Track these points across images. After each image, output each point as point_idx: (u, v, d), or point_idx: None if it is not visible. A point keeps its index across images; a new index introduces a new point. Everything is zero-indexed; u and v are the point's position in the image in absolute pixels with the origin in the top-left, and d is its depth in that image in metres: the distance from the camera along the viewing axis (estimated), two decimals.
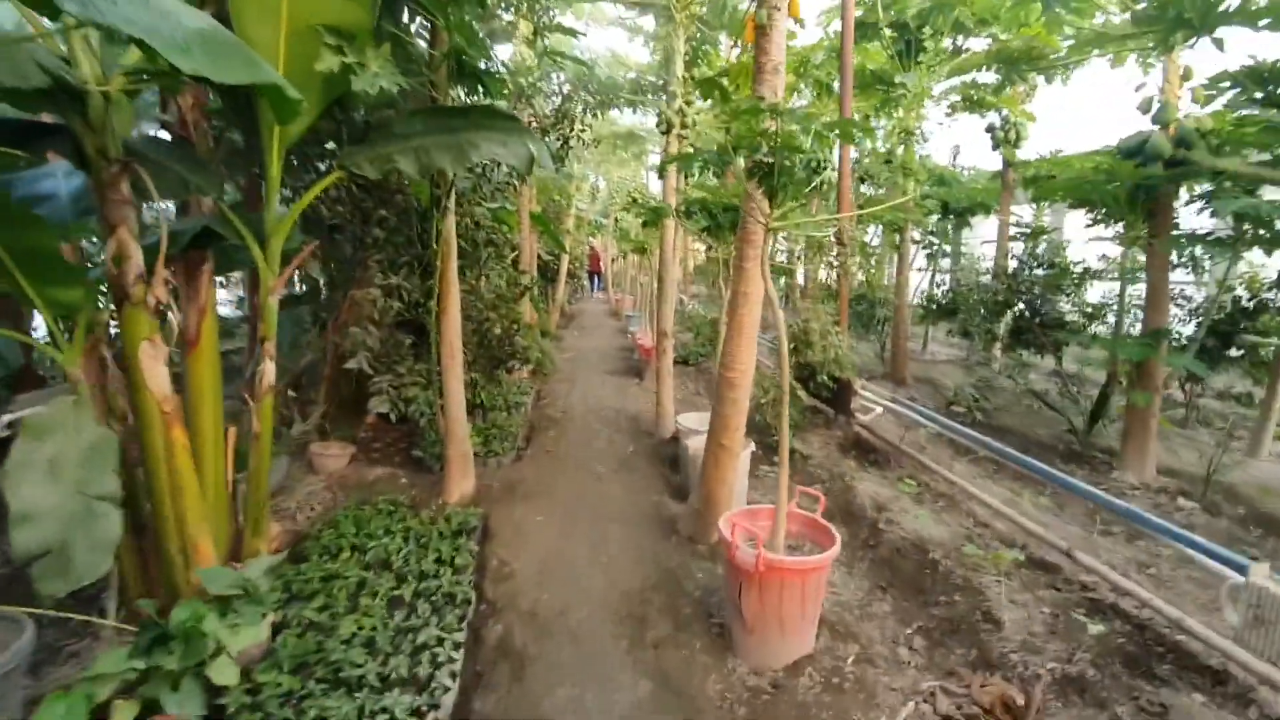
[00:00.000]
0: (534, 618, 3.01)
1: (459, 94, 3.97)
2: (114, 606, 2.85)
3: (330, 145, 4.51)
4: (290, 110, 2.96)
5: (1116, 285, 6.97)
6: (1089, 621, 2.82)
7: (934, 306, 8.98)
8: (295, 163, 4.43)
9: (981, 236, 11.42)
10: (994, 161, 9.74)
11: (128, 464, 2.80)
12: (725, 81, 4.91)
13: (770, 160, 2.57)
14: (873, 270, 6.85)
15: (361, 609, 2.95)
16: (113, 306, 2.75)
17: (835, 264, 5.59)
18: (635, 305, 15.72)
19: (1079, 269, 6.92)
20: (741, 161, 2.89)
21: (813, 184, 2.65)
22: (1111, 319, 6.83)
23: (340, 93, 3.42)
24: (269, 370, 3.46)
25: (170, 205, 4.37)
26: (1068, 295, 6.79)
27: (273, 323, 3.41)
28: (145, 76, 2.73)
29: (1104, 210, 5.42)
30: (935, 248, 9.29)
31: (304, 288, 6.47)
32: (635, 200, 6.64)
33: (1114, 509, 3.44)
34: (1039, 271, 7.09)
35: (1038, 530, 3.31)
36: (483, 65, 4.15)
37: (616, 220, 17.93)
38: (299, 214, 3.40)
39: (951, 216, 9.48)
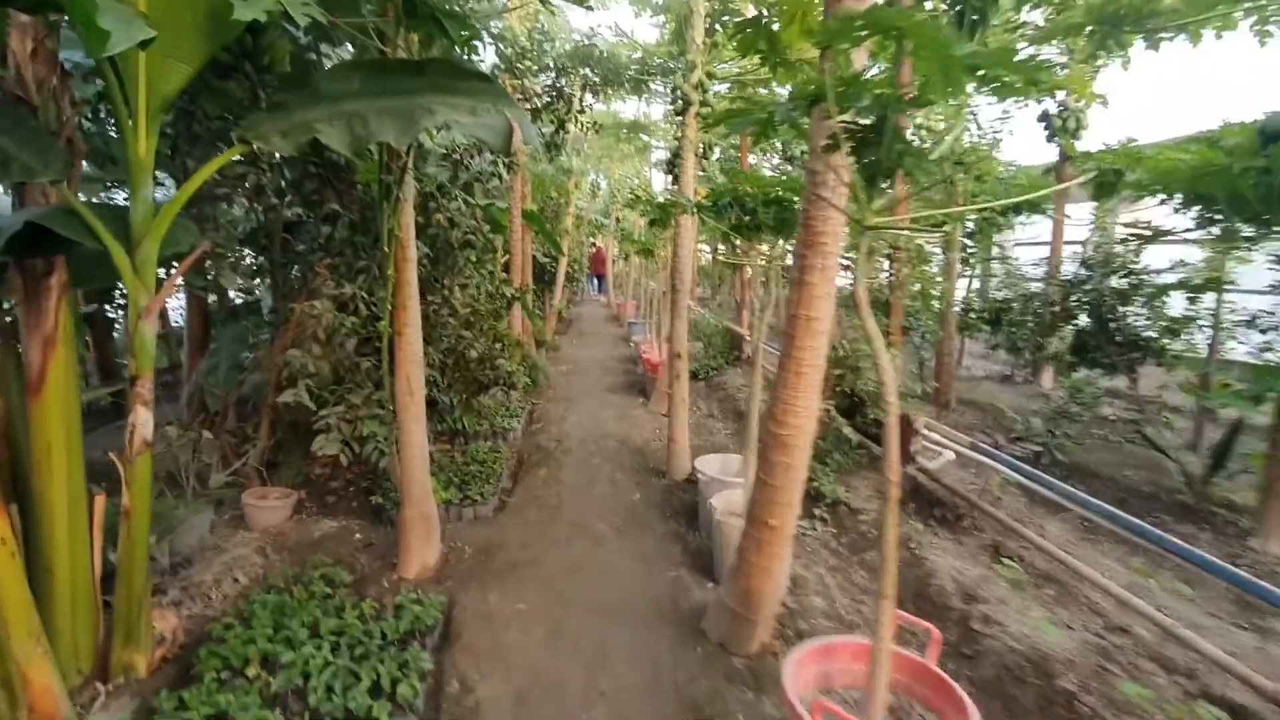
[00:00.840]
0: None
1: (415, 48, 3.00)
2: None
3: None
4: (156, 62, 2.05)
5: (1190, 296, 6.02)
6: None
7: (974, 317, 8.01)
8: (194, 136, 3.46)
9: (1016, 238, 10.43)
10: (1035, 154, 8.79)
11: None
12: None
13: (876, 121, 1.60)
14: (937, 280, 5.85)
15: None
16: None
17: (890, 273, 4.65)
18: (638, 311, 14.76)
19: (1161, 277, 5.95)
20: (807, 124, 1.93)
21: (941, 162, 1.69)
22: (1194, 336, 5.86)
23: (233, 35, 2.45)
24: (141, 422, 2.50)
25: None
26: (1149, 307, 5.82)
27: (146, 356, 2.46)
28: None
29: (1216, 209, 4.45)
30: (974, 252, 8.31)
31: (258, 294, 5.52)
32: (639, 198, 5.69)
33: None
34: (1111, 280, 6.12)
35: (1227, 662, 2.34)
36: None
37: (618, 220, 16.98)
38: (181, 207, 2.43)
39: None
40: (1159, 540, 3.13)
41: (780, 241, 3.25)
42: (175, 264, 2.71)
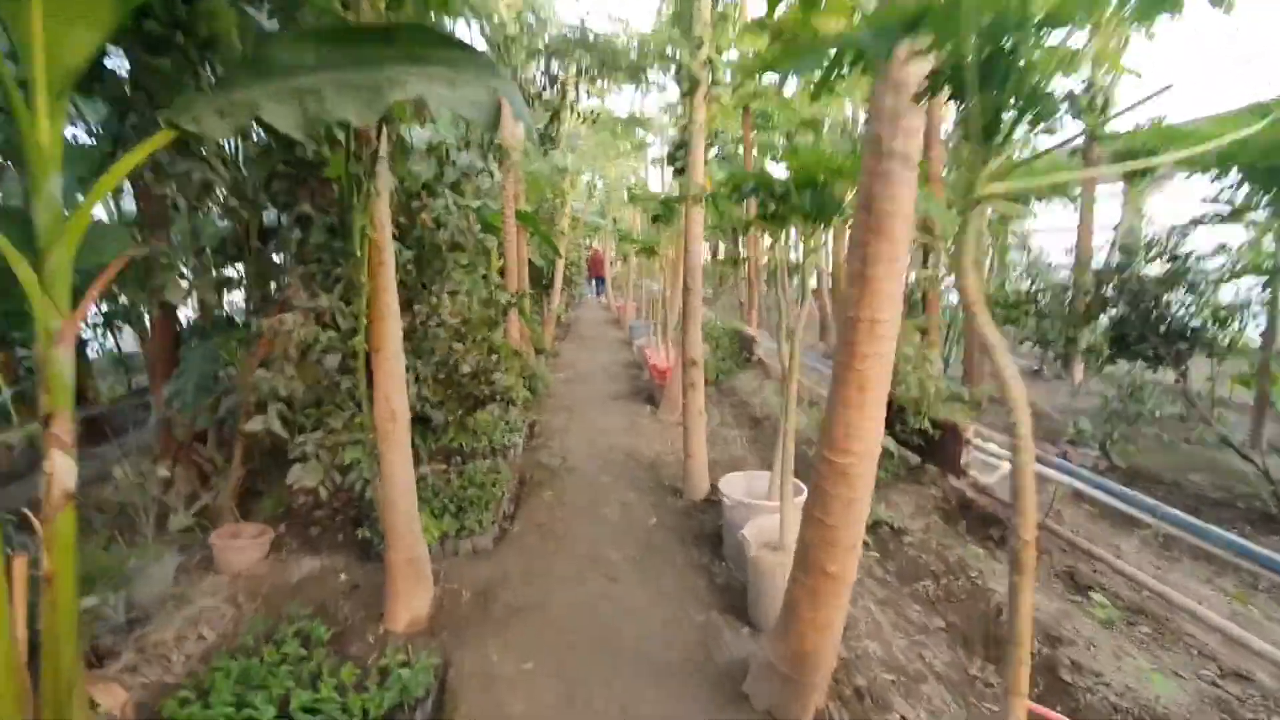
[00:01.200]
0: None
1: (383, 13, 2.56)
2: None
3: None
4: (56, 28, 1.63)
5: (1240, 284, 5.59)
6: None
7: (1000, 309, 7.57)
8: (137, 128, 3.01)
9: (1036, 226, 10.00)
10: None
11: None
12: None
13: (997, 52, 1.16)
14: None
15: None
16: None
17: (925, 266, 4.21)
18: (639, 313, 14.32)
19: (1205, 262, 5.51)
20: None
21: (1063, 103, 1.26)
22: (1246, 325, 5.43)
23: None
24: (60, 471, 2.05)
25: None
26: (1197, 295, 5.37)
27: (62, 390, 2.00)
28: None
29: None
30: (996, 239, 7.88)
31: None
32: (639, 195, 5.26)
33: None
34: (1154, 266, 5.67)
35: None
36: None
37: (615, 220, 16.54)
38: (92, 207, 1.99)
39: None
40: (1267, 561, 2.70)
41: (820, 231, 2.81)
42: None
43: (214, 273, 4.92)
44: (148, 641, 3.02)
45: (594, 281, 21.89)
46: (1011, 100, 1.19)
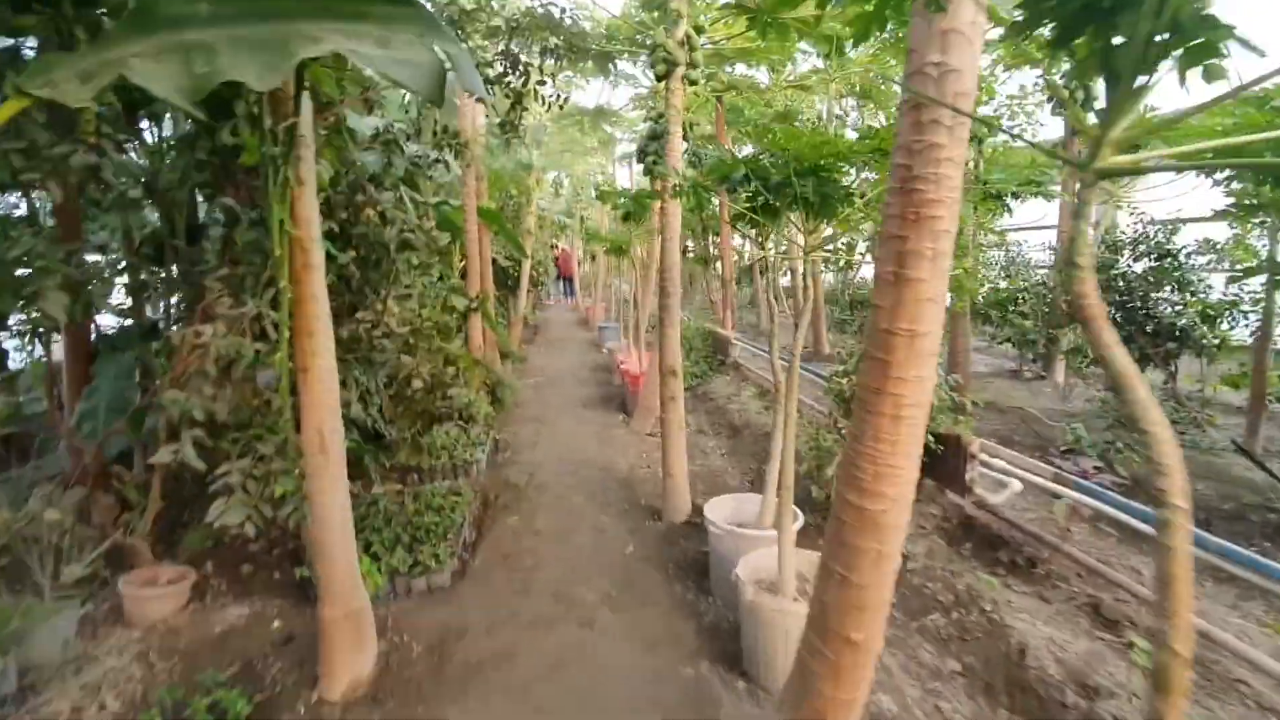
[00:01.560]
0: None
1: None
2: None
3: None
4: None
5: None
6: None
7: (981, 307, 7.39)
8: None
9: (1011, 223, 9.88)
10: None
11: None
12: None
13: None
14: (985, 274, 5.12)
15: None
16: None
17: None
18: (609, 314, 13.92)
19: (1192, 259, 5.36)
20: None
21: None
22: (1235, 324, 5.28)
23: None
24: None
25: None
26: (1187, 292, 5.21)
27: None
28: None
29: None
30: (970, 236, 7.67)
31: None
32: (608, 191, 4.86)
33: None
34: (1140, 264, 5.51)
35: None
36: None
37: (582, 219, 16.09)
38: None
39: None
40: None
41: (821, 226, 2.45)
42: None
43: (141, 275, 4.38)
44: (41, 716, 2.54)
45: (563, 282, 21.42)
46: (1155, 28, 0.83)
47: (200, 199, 3.97)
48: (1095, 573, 3.03)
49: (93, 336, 4.57)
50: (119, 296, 4.48)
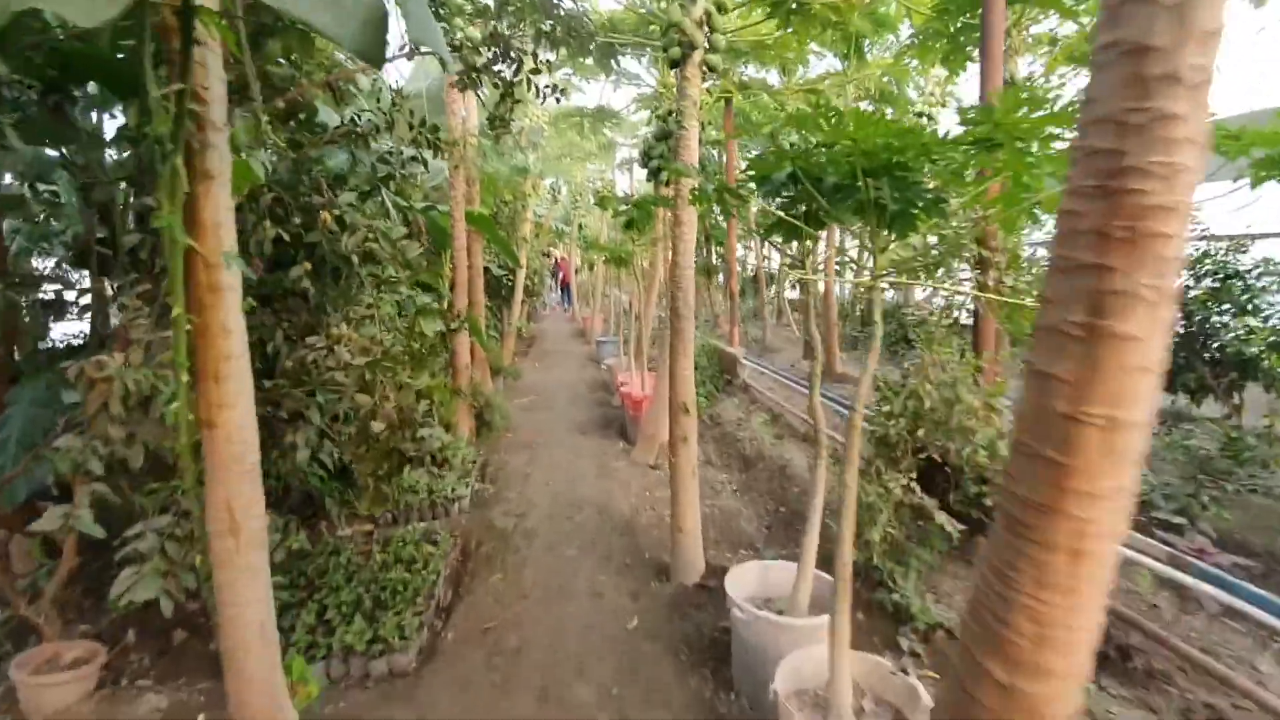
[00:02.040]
0: None
1: None
2: None
3: None
4: None
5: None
6: None
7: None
8: None
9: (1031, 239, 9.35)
10: None
11: None
12: None
13: None
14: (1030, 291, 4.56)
15: None
16: None
17: (979, 282, 3.35)
18: (607, 326, 13.34)
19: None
20: None
21: None
22: None
23: None
24: None
25: None
26: (1256, 317, 4.66)
27: None
28: None
29: None
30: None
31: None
32: (607, 198, 4.31)
33: None
34: (1202, 284, 4.97)
35: None
36: None
37: (580, 226, 15.54)
38: None
39: None
40: None
41: (890, 241, 1.88)
42: None
43: (69, 287, 3.82)
44: None
45: (561, 290, 20.97)
46: None
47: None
48: (1205, 670, 2.45)
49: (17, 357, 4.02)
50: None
